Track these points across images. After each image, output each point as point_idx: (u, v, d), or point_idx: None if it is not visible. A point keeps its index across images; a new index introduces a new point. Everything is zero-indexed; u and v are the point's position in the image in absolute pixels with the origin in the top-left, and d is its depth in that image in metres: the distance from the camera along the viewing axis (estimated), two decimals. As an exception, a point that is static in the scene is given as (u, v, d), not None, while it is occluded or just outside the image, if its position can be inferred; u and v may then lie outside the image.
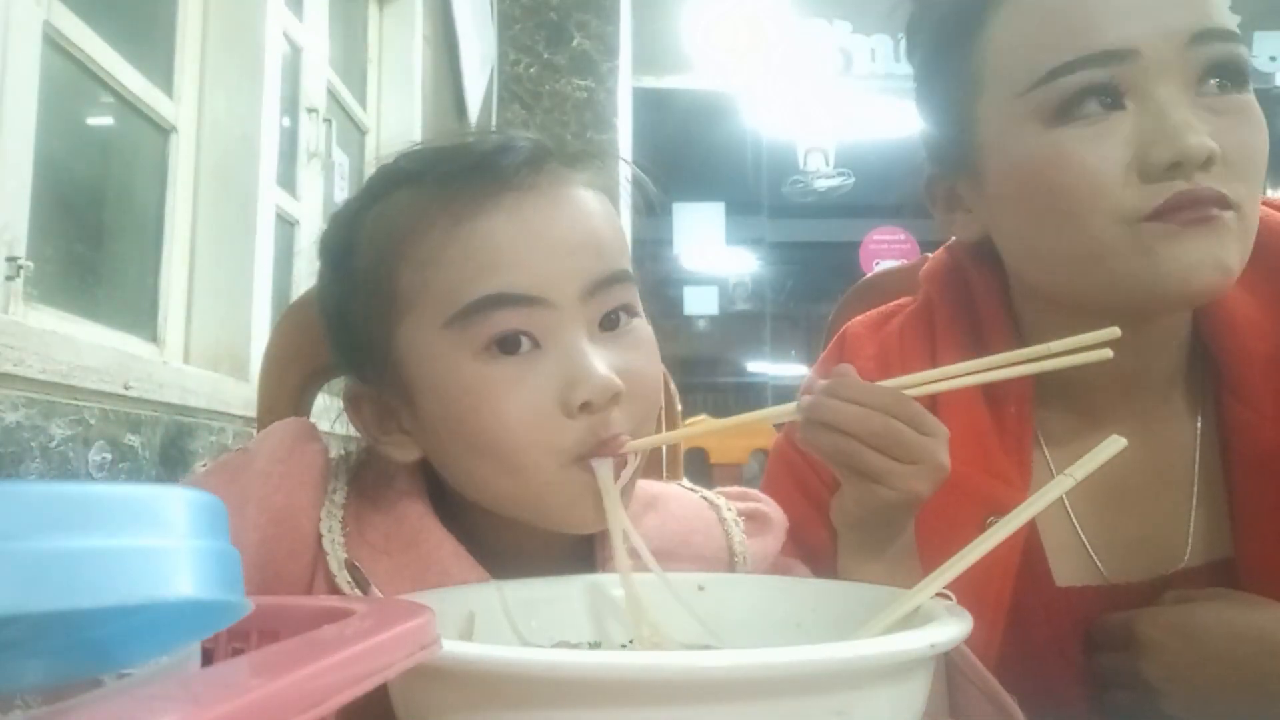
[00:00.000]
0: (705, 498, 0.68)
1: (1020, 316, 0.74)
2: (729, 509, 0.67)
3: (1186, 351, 0.73)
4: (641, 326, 0.60)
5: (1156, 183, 0.62)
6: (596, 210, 0.59)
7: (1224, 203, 0.61)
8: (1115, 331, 0.56)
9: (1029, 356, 0.58)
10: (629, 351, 0.58)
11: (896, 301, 0.84)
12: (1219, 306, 0.70)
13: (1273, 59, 4.45)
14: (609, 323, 0.58)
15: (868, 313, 0.84)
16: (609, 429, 0.55)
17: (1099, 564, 0.72)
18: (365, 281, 0.58)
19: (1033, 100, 0.65)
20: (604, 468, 0.55)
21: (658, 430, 0.79)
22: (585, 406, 0.54)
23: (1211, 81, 0.63)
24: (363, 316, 0.59)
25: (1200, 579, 0.70)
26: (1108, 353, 0.56)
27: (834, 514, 0.63)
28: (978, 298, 0.76)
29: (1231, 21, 0.65)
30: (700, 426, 0.63)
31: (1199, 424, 0.73)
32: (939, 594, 0.49)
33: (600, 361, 0.55)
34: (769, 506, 0.69)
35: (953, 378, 0.60)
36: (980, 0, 0.69)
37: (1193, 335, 0.72)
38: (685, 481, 0.71)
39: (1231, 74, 0.63)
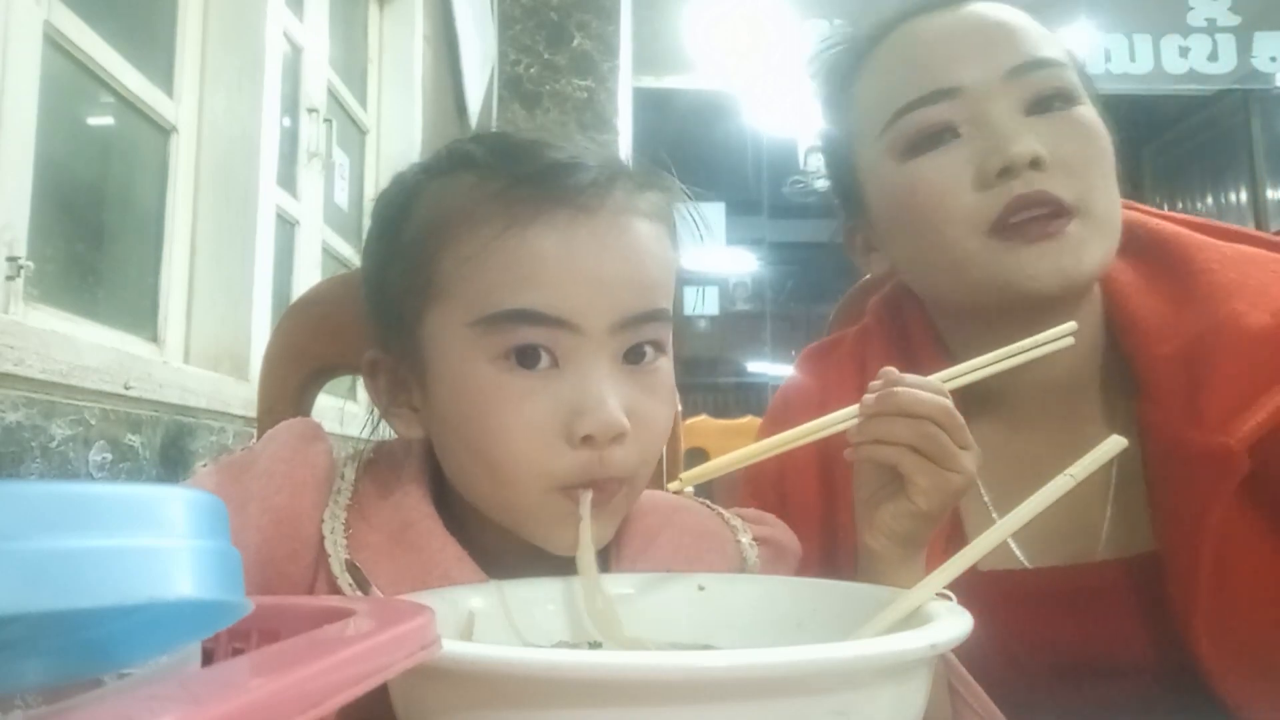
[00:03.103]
0: (723, 517, 0.68)
1: (945, 336, 0.82)
2: (745, 532, 0.66)
3: (1100, 356, 0.78)
4: (664, 367, 0.59)
5: (993, 189, 0.71)
6: (648, 245, 0.58)
7: (1058, 205, 0.70)
8: (1072, 325, 0.65)
9: (1000, 356, 0.65)
10: (645, 392, 0.57)
11: (846, 330, 0.91)
12: (1126, 311, 0.76)
13: (1273, 59, 4.45)
14: (634, 355, 0.57)
15: (823, 339, 0.92)
16: (605, 468, 0.55)
17: (1019, 554, 0.76)
18: (408, 255, 0.58)
19: (886, 140, 0.76)
20: (585, 499, 0.55)
21: (660, 470, 0.80)
22: (587, 439, 0.54)
23: (1037, 104, 0.73)
24: (398, 289, 0.59)
25: (1120, 571, 0.74)
26: (1070, 340, 0.65)
27: (866, 531, 0.63)
28: (910, 323, 0.84)
29: (1054, 51, 0.75)
30: (761, 445, 0.61)
31: (1115, 425, 0.77)
32: (939, 594, 0.49)
33: (613, 397, 0.54)
34: (785, 534, 0.69)
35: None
36: (851, 59, 0.81)
37: (1107, 340, 0.78)
38: (705, 500, 0.71)
39: (1057, 95, 0.73)
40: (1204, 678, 0.69)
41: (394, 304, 0.60)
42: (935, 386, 0.60)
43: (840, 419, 0.61)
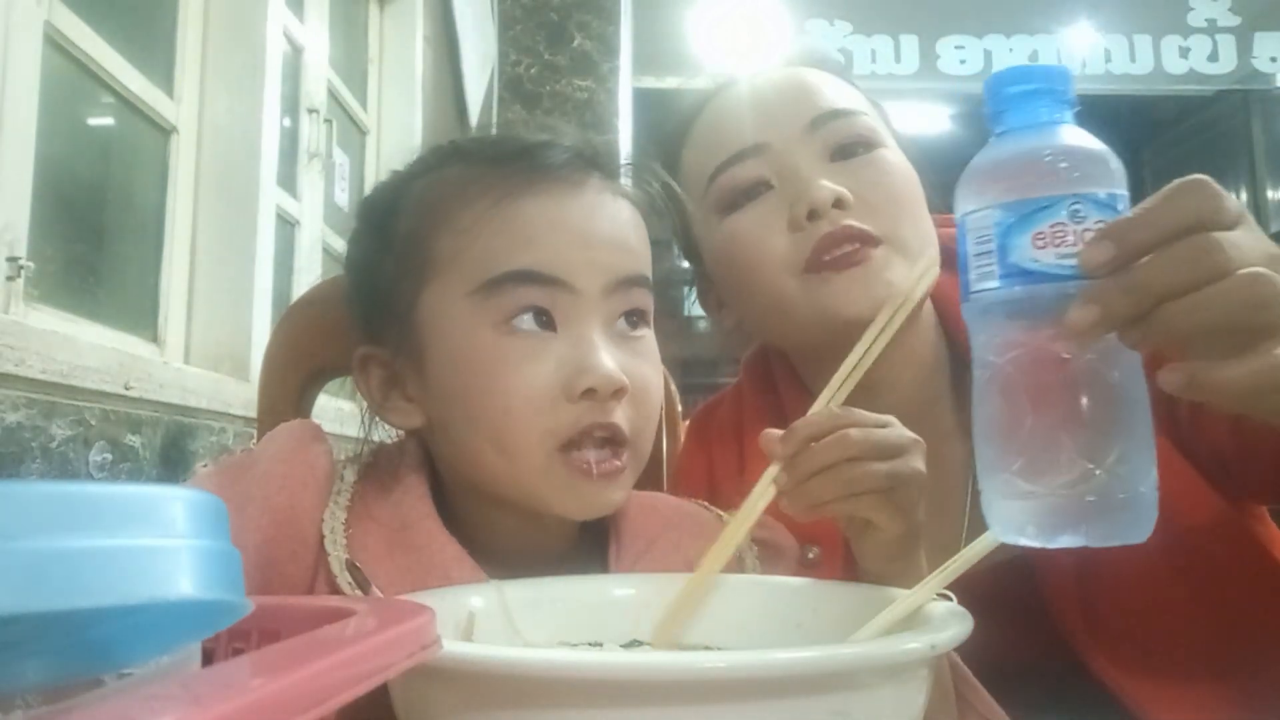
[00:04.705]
0: (721, 518, 0.68)
1: (807, 380, 0.85)
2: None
3: (946, 370, 0.81)
4: (650, 339, 0.62)
5: (803, 231, 0.75)
6: (630, 218, 0.62)
7: (865, 237, 0.74)
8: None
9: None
10: (637, 358, 0.59)
11: (725, 391, 0.95)
12: (958, 322, 0.77)
13: (1273, 59, 4.44)
14: (624, 323, 0.60)
15: (707, 401, 0.96)
16: (606, 416, 0.56)
17: None
18: (402, 243, 0.61)
19: (708, 201, 0.81)
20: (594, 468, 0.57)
21: (660, 471, 0.86)
22: (588, 393, 0.56)
23: (840, 151, 0.78)
24: (392, 276, 0.61)
25: (992, 577, 0.70)
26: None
27: (860, 559, 0.61)
28: (776, 376, 0.88)
29: (851, 102, 0.81)
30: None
31: (971, 442, 0.77)
32: (939, 594, 0.49)
33: (609, 355, 0.57)
34: (783, 535, 0.69)
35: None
36: (674, 141, 0.86)
37: (950, 353, 0.81)
38: (704, 502, 0.71)
39: (858, 142, 0.79)
40: (1092, 676, 0.70)
41: (387, 294, 0.61)
42: (826, 422, 0.56)
43: (760, 495, 0.57)
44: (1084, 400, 0.46)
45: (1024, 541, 0.48)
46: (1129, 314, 0.45)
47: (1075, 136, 0.48)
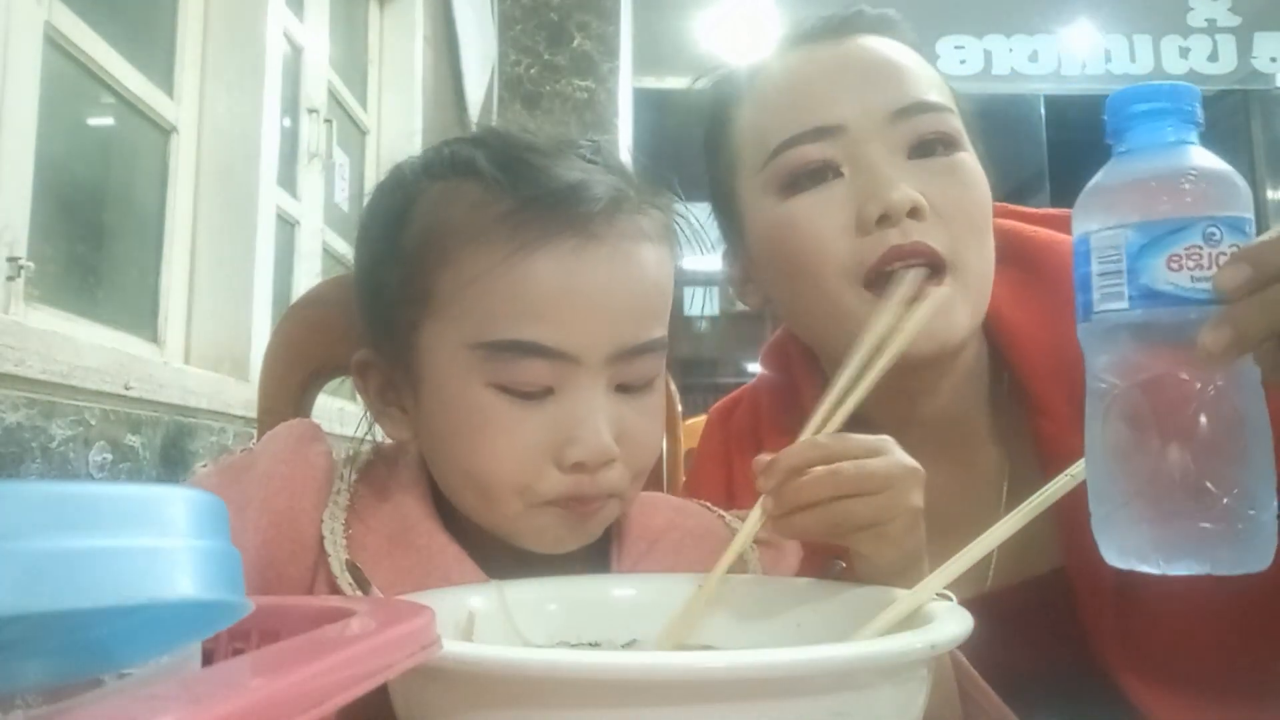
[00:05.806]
0: (723, 519, 0.68)
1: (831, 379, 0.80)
2: None
3: (986, 375, 0.78)
4: (656, 390, 0.60)
5: (871, 235, 0.69)
6: (651, 273, 0.57)
7: (934, 260, 0.69)
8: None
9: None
10: (637, 413, 0.58)
11: (745, 387, 0.91)
12: (1002, 326, 0.76)
13: (1273, 59, 4.44)
14: (627, 388, 0.58)
15: (727, 397, 0.91)
16: (595, 487, 0.56)
17: None
18: (408, 263, 0.58)
19: (766, 175, 0.74)
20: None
21: (660, 469, 0.81)
22: (577, 465, 0.55)
23: (920, 148, 0.72)
24: (395, 296, 0.59)
25: (1028, 591, 0.72)
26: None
27: (857, 573, 0.59)
28: (795, 370, 0.83)
29: (939, 95, 0.74)
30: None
31: (1010, 442, 0.76)
32: (939, 594, 0.49)
33: (605, 425, 0.55)
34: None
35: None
36: (729, 94, 0.79)
37: (991, 359, 0.78)
38: (705, 503, 0.71)
39: (940, 140, 0.72)
40: (1117, 691, 0.68)
41: (389, 309, 0.59)
42: (811, 453, 0.54)
43: (753, 524, 0.56)
44: (1209, 426, 0.46)
45: (1141, 568, 0.47)
46: (1264, 335, 0.45)
47: (1205, 158, 0.48)
